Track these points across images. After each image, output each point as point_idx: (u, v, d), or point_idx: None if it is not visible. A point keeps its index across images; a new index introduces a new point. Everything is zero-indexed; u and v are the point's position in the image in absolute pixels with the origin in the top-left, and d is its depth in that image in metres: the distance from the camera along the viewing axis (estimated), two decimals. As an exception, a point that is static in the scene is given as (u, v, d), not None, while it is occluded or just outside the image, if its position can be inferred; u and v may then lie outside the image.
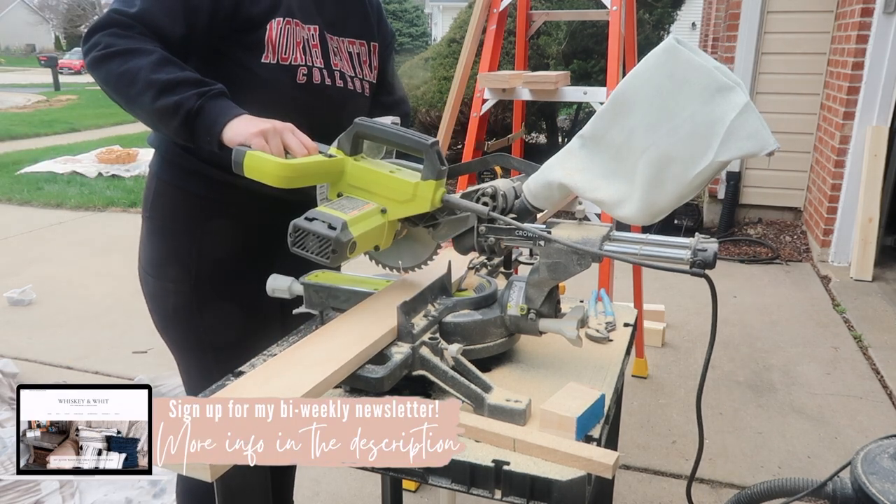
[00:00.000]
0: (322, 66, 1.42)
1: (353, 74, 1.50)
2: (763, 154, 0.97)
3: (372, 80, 1.56)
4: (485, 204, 1.17)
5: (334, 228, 1.05)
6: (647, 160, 1.02)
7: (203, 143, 1.22)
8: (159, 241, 1.46)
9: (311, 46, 1.40)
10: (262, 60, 1.34)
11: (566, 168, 1.11)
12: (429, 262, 1.30)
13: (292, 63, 1.37)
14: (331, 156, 1.20)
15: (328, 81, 1.43)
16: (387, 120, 1.40)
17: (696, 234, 1.06)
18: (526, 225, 1.12)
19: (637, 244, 1.06)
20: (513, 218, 1.14)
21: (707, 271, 0.99)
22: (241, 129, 1.18)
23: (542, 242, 1.10)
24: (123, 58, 1.21)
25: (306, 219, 1.08)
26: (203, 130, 1.21)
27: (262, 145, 1.16)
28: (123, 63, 1.21)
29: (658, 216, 1.06)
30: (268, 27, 1.33)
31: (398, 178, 1.17)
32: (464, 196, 1.19)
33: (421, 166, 1.18)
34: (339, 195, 1.21)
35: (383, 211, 1.17)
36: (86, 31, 1.29)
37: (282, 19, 1.35)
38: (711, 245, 1.01)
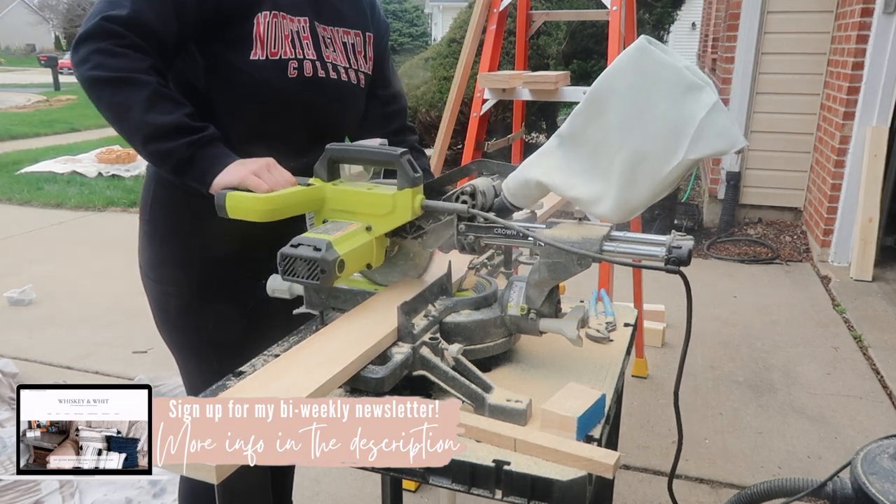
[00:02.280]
0: (314, 59, 1.40)
1: (348, 66, 1.48)
2: (732, 152, 0.99)
3: (367, 72, 1.54)
4: (464, 202, 1.19)
5: (319, 250, 1.06)
6: (621, 158, 1.03)
7: (194, 188, 1.24)
8: (159, 246, 1.46)
9: (301, 38, 1.38)
10: (251, 57, 1.32)
11: (543, 166, 1.12)
12: (427, 270, 1.30)
13: (282, 57, 1.35)
14: (309, 184, 1.22)
15: (321, 73, 1.41)
16: (375, 141, 1.40)
17: (673, 231, 1.06)
18: (505, 221, 1.13)
19: (614, 242, 1.07)
20: (493, 216, 1.15)
21: (683, 268, 1.00)
22: (230, 177, 1.20)
23: (541, 243, 1.09)
24: (115, 87, 1.19)
25: (292, 246, 1.09)
26: (194, 179, 1.23)
27: (258, 183, 1.18)
28: (115, 94, 1.19)
29: (632, 214, 1.07)
30: (255, 21, 1.31)
31: (376, 192, 1.18)
32: (444, 199, 1.21)
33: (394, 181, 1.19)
34: (324, 222, 1.22)
35: (368, 228, 1.18)
36: (76, 37, 1.23)
37: (268, 12, 1.32)
38: (686, 242, 1.02)
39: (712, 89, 0.99)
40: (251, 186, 1.18)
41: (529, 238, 1.11)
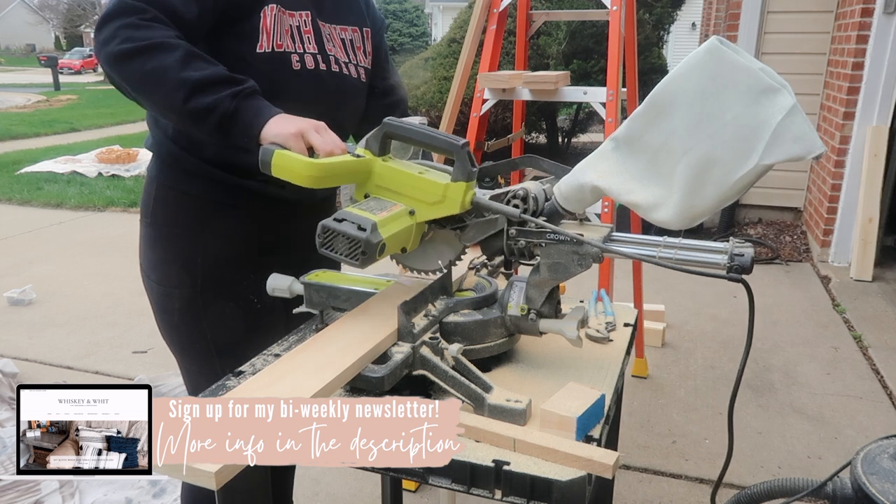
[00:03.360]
0: (316, 52, 1.40)
1: (348, 60, 1.48)
2: (809, 158, 0.95)
3: (367, 66, 1.54)
4: (515, 206, 1.14)
5: (364, 230, 1.03)
6: (686, 163, 1.00)
7: (239, 143, 1.20)
8: (162, 247, 1.45)
9: (302, 33, 1.38)
10: (258, 50, 1.32)
11: (599, 170, 1.09)
12: (456, 263, 1.28)
13: (286, 50, 1.35)
14: (359, 156, 1.17)
15: (322, 66, 1.41)
16: (415, 120, 1.37)
17: (732, 238, 1.04)
18: (558, 228, 1.10)
19: (673, 249, 1.05)
20: (544, 221, 1.12)
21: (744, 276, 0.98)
22: (279, 130, 1.15)
23: (577, 245, 1.08)
24: (147, 55, 1.16)
25: (335, 220, 1.06)
26: (239, 133, 1.18)
27: (301, 148, 1.14)
28: (148, 61, 1.16)
29: (696, 220, 1.04)
30: (262, 14, 1.31)
31: (428, 179, 1.14)
32: (493, 198, 1.16)
33: (449, 168, 1.16)
34: (365, 196, 1.18)
35: (411, 212, 1.14)
36: (98, 20, 1.22)
37: (274, 6, 1.33)
38: (748, 250, 1.00)
39: (789, 92, 0.95)
40: (293, 149, 1.13)
41: (584, 245, 1.08)
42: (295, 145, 1.14)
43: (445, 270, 1.28)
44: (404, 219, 1.13)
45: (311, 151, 1.16)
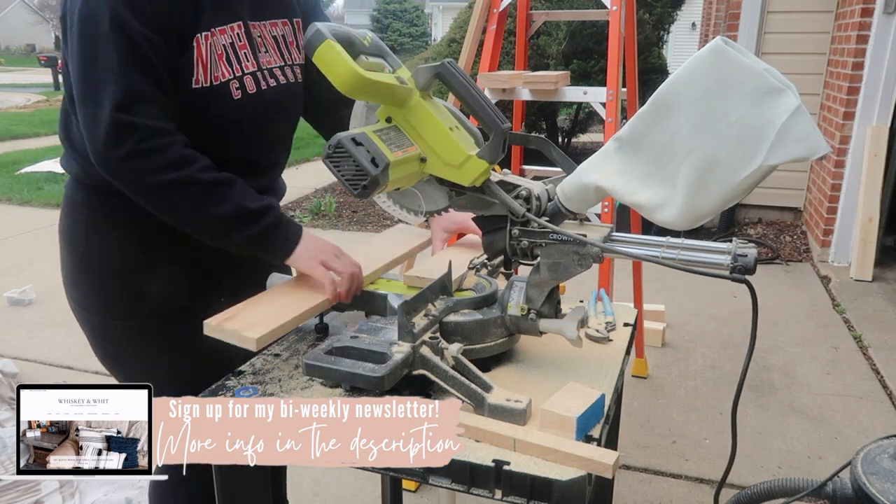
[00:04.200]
0: (254, 69, 1.32)
1: (283, 63, 1.40)
2: (814, 159, 0.95)
3: (301, 62, 1.45)
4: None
5: (377, 166, 1.01)
6: (690, 163, 1.00)
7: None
8: (99, 280, 1.37)
9: (238, 50, 1.29)
10: (194, 86, 1.24)
11: (602, 171, 1.09)
12: (436, 213, 1.25)
13: (223, 80, 1.27)
14: (403, 82, 1.13)
15: (263, 85, 1.33)
16: None
17: (734, 238, 1.05)
18: (560, 229, 1.10)
19: (675, 249, 1.05)
20: (546, 221, 1.12)
21: (748, 277, 0.98)
22: (307, 257, 1.27)
23: (578, 245, 1.08)
24: (171, 191, 1.21)
25: (354, 140, 1.02)
26: (272, 255, 1.28)
27: (323, 274, 1.25)
28: (173, 198, 1.22)
29: (700, 220, 1.04)
30: (195, 44, 1.22)
31: (455, 140, 1.11)
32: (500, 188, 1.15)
33: (477, 132, 1.16)
34: (388, 119, 1.14)
35: (423, 160, 1.12)
36: (96, 148, 1.18)
37: (207, 33, 1.24)
38: (751, 251, 1.00)
39: (794, 92, 0.95)
40: (331, 268, 1.25)
41: (585, 245, 1.08)
42: (320, 274, 1.24)
43: (424, 217, 1.27)
44: (414, 164, 1.10)
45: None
